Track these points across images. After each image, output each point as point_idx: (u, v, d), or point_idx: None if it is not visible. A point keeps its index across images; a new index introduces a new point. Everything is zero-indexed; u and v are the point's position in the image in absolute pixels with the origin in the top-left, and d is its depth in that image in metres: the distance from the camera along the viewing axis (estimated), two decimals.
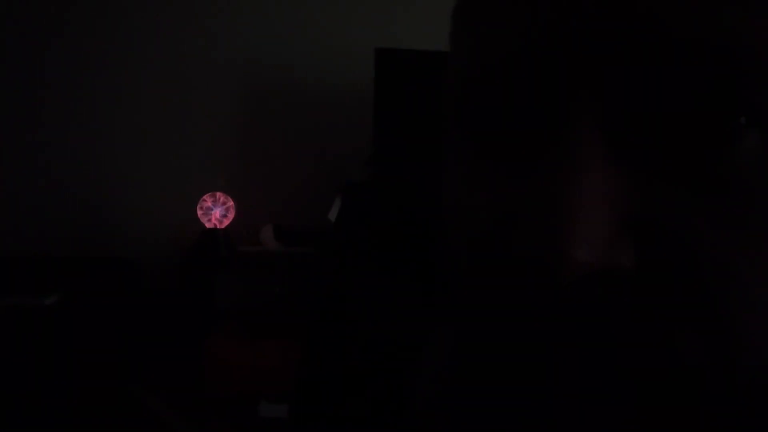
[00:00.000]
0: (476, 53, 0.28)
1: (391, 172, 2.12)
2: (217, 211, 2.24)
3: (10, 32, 2.32)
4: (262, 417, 1.91)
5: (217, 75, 2.38)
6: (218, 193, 2.26)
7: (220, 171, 2.38)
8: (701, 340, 0.24)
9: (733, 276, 0.24)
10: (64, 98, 2.34)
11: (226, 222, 2.25)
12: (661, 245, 0.25)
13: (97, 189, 2.36)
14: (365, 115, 2.11)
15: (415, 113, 2.10)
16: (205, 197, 2.25)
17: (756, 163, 0.24)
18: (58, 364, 1.94)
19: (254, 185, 2.38)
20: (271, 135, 2.39)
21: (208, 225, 2.24)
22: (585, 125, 0.25)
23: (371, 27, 2.35)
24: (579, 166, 0.24)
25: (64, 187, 2.36)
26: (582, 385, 0.25)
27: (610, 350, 0.25)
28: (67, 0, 2.32)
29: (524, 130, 0.27)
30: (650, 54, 0.24)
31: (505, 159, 0.27)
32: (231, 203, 2.26)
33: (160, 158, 2.37)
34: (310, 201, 2.29)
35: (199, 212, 2.24)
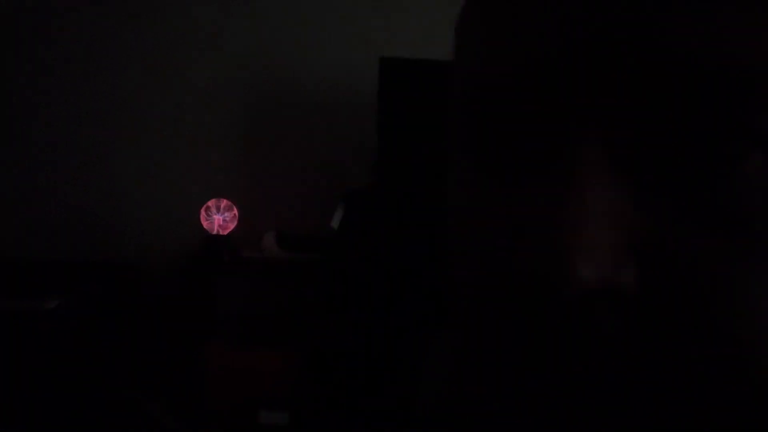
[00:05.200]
0: (479, 68, 0.27)
1: (394, 179, 2.14)
2: (220, 217, 2.24)
3: (12, 35, 2.33)
4: (262, 424, 1.91)
5: (221, 81, 2.38)
6: (221, 199, 2.26)
7: (223, 177, 2.39)
8: (704, 360, 0.24)
9: (735, 297, 0.24)
10: (65, 100, 2.35)
11: (229, 228, 2.25)
12: (663, 266, 0.24)
13: (100, 194, 2.37)
14: (368, 122, 2.12)
15: (419, 121, 2.11)
16: (208, 203, 2.25)
17: (760, 185, 0.24)
18: (58, 369, 1.93)
19: (257, 191, 2.39)
20: (274, 141, 2.40)
21: (210, 231, 2.23)
22: (590, 144, 0.24)
23: (375, 36, 2.35)
24: (584, 184, 0.24)
25: (66, 192, 2.37)
26: (581, 399, 0.25)
27: (609, 366, 0.25)
28: (71, 2, 2.32)
29: (529, 147, 0.26)
30: (656, 74, 0.24)
31: (510, 174, 0.27)
32: (234, 209, 2.26)
33: (164, 163, 2.38)
34: (313, 208, 2.30)
35: (203, 218, 2.24)
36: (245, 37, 2.37)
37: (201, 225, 2.24)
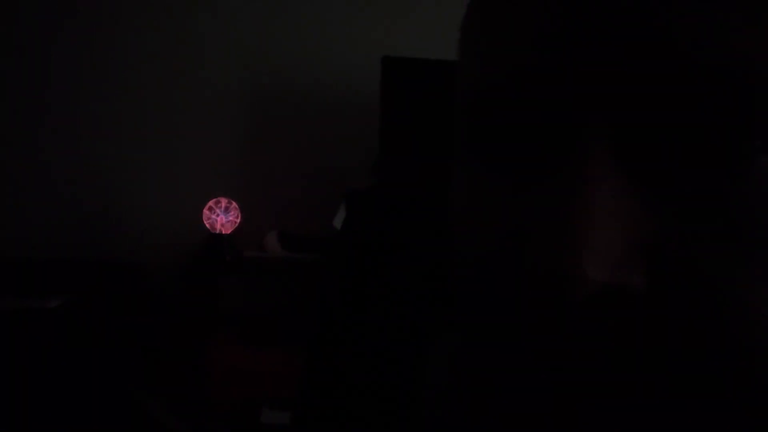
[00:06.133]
0: (485, 68, 0.27)
1: (396, 179, 2.13)
2: (221, 217, 2.24)
3: (13, 34, 2.33)
4: (264, 423, 1.91)
5: (222, 81, 2.38)
6: (223, 199, 2.26)
7: (225, 176, 2.39)
8: (711, 360, 0.24)
9: (743, 299, 0.24)
10: (67, 100, 2.34)
11: (231, 228, 2.25)
12: (671, 266, 0.24)
13: (102, 193, 2.37)
14: (370, 122, 2.12)
15: (421, 122, 2.10)
16: (210, 203, 2.25)
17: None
18: (61, 367, 1.93)
19: (259, 191, 2.39)
20: (276, 141, 2.40)
21: (212, 230, 2.24)
22: (597, 143, 0.24)
23: (377, 35, 2.36)
24: (591, 184, 0.24)
25: (68, 191, 2.36)
26: (588, 399, 0.25)
27: (617, 367, 0.24)
28: (71, 3, 2.32)
29: (536, 146, 0.26)
30: (665, 74, 0.24)
31: (516, 174, 0.27)
32: (236, 209, 2.26)
33: (166, 163, 2.38)
34: (316, 208, 2.29)
35: (204, 217, 2.24)
36: (246, 36, 2.37)
37: (203, 224, 2.24)
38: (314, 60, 2.37)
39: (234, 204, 2.26)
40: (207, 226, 2.23)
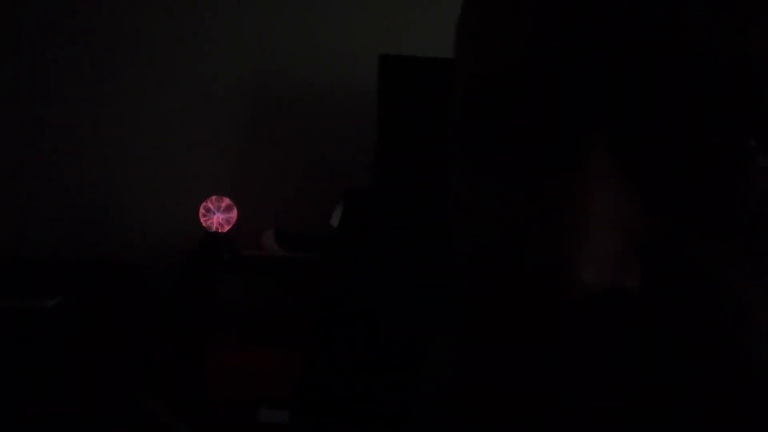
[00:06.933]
0: (481, 66, 0.27)
1: (394, 178, 2.13)
2: (218, 215, 2.24)
3: (14, 34, 2.32)
4: (262, 423, 1.91)
5: (220, 80, 2.39)
6: (220, 197, 2.26)
7: (222, 175, 2.39)
8: (708, 363, 0.24)
9: (739, 301, 0.24)
10: (67, 100, 2.34)
11: (228, 226, 2.25)
12: (669, 269, 0.24)
13: (100, 192, 2.37)
14: (368, 121, 2.12)
15: (419, 120, 2.10)
16: (206, 201, 2.25)
17: (766, 187, 0.24)
18: (59, 367, 1.93)
19: (256, 189, 2.39)
20: (273, 139, 2.41)
21: (210, 229, 2.23)
22: (596, 144, 0.24)
23: (375, 33, 2.36)
24: (589, 185, 0.24)
25: (67, 190, 2.36)
26: (585, 402, 0.25)
27: (615, 368, 0.24)
28: (72, 3, 2.31)
29: (534, 147, 0.26)
30: (664, 73, 0.24)
31: (514, 174, 0.27)
32: (233, 207, 2.26)
33: (163, 162, 2.38)
34: (313, 206, 2.30)
35: (202, 216, 2.24)
36: (243, 35, 2.38)
37: (200, 223, 2.24)
38: (312, 58, 2.38)
39: (231, 203, 2.26)
40: (204, 225, 2.23)
